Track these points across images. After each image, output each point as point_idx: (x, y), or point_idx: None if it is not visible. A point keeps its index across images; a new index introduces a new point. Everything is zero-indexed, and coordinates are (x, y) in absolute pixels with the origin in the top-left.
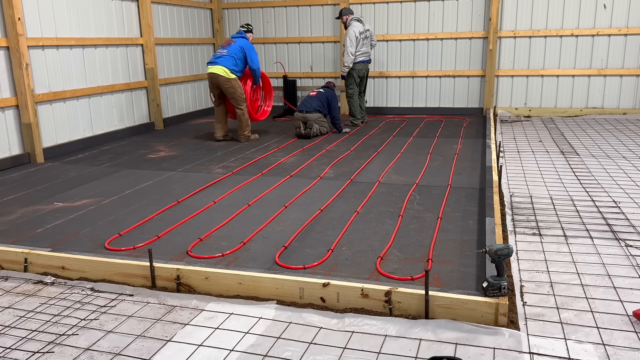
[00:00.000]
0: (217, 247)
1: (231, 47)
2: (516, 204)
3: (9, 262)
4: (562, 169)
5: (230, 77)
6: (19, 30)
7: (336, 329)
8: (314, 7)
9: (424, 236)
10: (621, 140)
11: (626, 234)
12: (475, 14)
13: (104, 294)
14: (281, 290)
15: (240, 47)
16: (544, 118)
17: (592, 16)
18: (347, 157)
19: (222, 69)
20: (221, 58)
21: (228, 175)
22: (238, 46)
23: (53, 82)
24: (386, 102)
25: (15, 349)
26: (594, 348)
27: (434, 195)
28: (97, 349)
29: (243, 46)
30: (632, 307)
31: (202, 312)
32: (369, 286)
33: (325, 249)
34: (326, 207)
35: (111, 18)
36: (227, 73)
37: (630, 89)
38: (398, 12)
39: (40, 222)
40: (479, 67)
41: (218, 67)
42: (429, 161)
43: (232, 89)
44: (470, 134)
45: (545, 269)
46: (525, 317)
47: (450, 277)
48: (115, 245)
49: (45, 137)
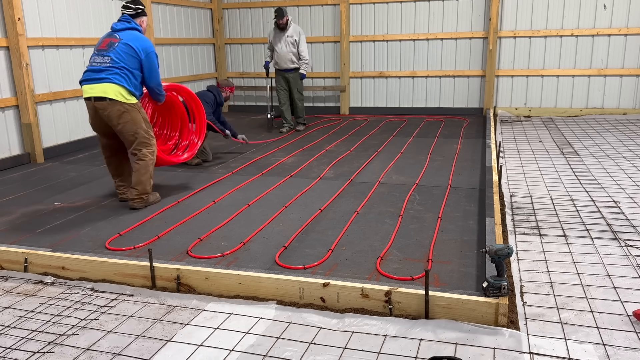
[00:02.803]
0: (217, 247)
1: (116, 50)
2: (516, 204)
3: (9, 262)
4: (562, 169)
5: (128, 101)
6: (19, 30)
7: (336, 329)
8: (314, 7)
9: (424, 236)
10: (621, 140)
11: (626, 234)
12: (475, 14)
13: (104, 294)
14: (281, 290)
15: (129, 46)
16: (544, 118)
17: (592, 16)
18: (347, 157)
19: (110, 90)
20: (105, 72)
21: (228, 175)
22: (126, 45)
23: (53, 82)
24: (386, 102)
25: (16, 349)
26: (594, 348)
27: (434, 195)
28: (97, 349)
29: (134, 44)
30: (632, 307)
31: (202, 312)
32: (369, 286)
33: (325, 249)
34: (326, 207)
35: (111, 18)
36: (120, 96)
37: (630, 89)
38: (398, 12)
39: (40, 222)
40: (479, 67)
41: (102, 87)
42: (429, 161)
43: (131, 124)
44: (470, 134)
45: (545, 269)
46: (525, 317)
47: (450, 277)
48: (115, 245)
49: (45, 137)
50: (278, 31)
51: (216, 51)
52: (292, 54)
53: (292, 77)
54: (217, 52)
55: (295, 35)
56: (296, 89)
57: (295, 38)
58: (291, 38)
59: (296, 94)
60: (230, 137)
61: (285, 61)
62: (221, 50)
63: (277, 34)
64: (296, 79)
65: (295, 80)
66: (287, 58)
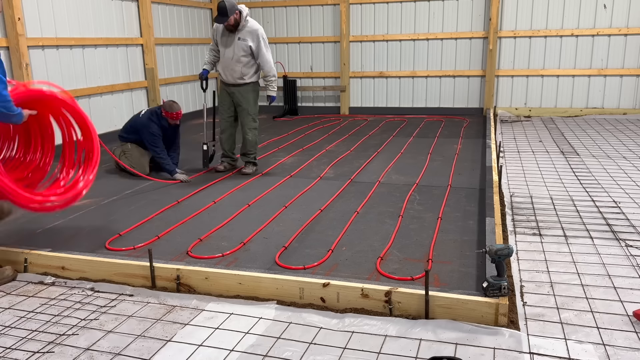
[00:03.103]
0: (217, 247)
1: None
2: (516, 204)
3: (9, 262)
4: (562, 169)
5: None
6: (19, 30)
7: (336, 329)
8: (314, 7)
9: (424, 236)
10: (621, 140)
11: (626, 234)
12: (475, 14)
13: (104, 294)
14: (281, 290)
15: None
16: (544, 118)
17: (592, 16)
18: (347, 157)
19: None
20: None
21: (228, 175)
22: None
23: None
24: (386, 102)
25: (16, 349)
26: (594, 348)
27: (434, 195)
28: (97, 349)
29: None
30: (632, 307)
31: (202, 312)
32: (369, 286)
33: (325, 249)
34: (326, 207)
35: (111, 18)
36: None
37: (630, 89)
38: (398, 12)
39: (40, 222)
40: (479, 67)
41: None
42: (429, 161)
43: None
44: (470, 134)
45: (545, 269)
46: (525, 317)
47: (450, 277)
48: (115, 245)
49: None
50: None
51: None
52: (242, 65)
53: (241, 94)
54: None
55: (250, 40)
56: (246, 111)
57: (251, 44)
58: (244, 42)
59: (246, 119)
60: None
61: (232, 73)
62: None
63: (224, 33)
64: (247, 98)
65: (245, 99)
66: (235, 69)
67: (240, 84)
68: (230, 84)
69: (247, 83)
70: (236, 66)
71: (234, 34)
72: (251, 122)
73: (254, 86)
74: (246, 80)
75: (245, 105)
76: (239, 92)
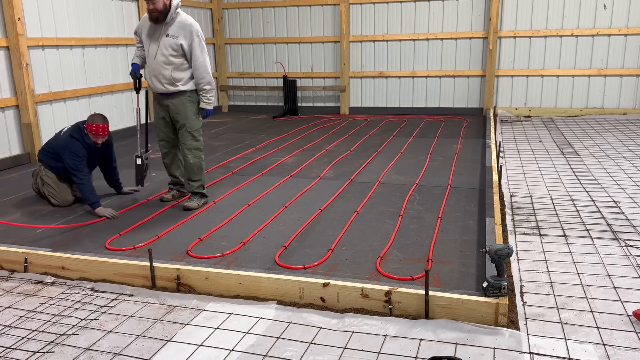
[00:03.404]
0: (217, 247)
1: None
2: (516, 204)
3: (9, 262)
4: (562, 169)
5: None
6: (19, 30)
7: (336, 329)
8: (314, 7)
9: (424, 236)
10: (621, 140)
11: (626, 234)
12: (475, 14)
13: (104, 294)
14: (281, 290)
15: None
16: (544, 118)
17: (592, 16)
18: (347, 157)
19: None
20: None
21: (228, 175)
22: None
23: (53, 82)
24: (386, 102)
25: (16, 349)
26: (594, 348)
27: (434, 195)
28: (97, 349)
29: None
30: (632, 307)
31: (202, 312)
32: (369, 286)
33: (325, 249)
34: (326, 207)
35: (111, 18)
36: None
37: (630, 89)
38: (398, 12)
39: (41, 222)
40: (479, 67)
41: None
42: (429, 161)
43: None
44: (470, 134)
45: (545, 269)
46: (525, 317)
47: (450, 277)
48: (115, 246)
49: (45, 137)
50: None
51: (216, 51)
52: (173, 68)
53: (176, 106)
54: (217, 52)
55: (182, 37)
56: (184, 128)
57: (182, 42)
58: (173, 40)
59: (184, 137)
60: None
61: (159, 78)
62: (221, 50)
63: (151, 27)
64: (184, 111)
65: (181, 112)
66: (164, 74)
67: (172, 92)
68: (162, 93)
69: (181, 91)
70: (164, 69)
71: (160, 27)
72: (191, 140)
73: (192, 95)
74: (180, 87)
75: (183, 120)
76: (172, 103)
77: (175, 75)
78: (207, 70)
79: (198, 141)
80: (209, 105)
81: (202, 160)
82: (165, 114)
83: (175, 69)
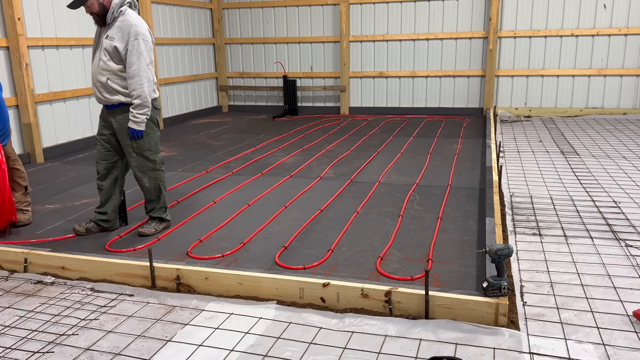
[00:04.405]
0: (217, 247)
1: None
2: (516, 204)
3: (9, 262)
4: (562, 169)
5: None
6: (19, 30)
7: (336, 329)
8: (314, 7)
9: (424, 236)
10: (621, 140)
11: (626, 234)
12: (475, 14)
13: (104, 294)
14: (281, 290)
15: None
16: (544, 118)
17: (592, 16)
18: (347, 157)
19: None
20: None
21: (228, 175)
22: None
23: (53, 82)
24: (386, 102)
25: (16, 349)
26: (594, 348)
27: (434, 195)
28: (97, 349)
29: None
30: (632, 307)
31: (202, 312)
32: (369, 286)
33: (325, 249)
34: (326, 207)
35: None
36: None
37: (630, 89)
38: (398, 12)
39: (40, 222)
40: (479, 67)
41: None
42: (429, 161)
43: None
44: (470, 134)
45: (545, 269)
46: (525, 317)
47: (450, 277)
48: (115, 247)
49: (45, 137)
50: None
51: (216, 51)
52: (110, 75)
53: (119, 123)
54: (217, 52)
55: (118, 39)
56: (130, 148)
57: (117, 44)
58: (109, 42)
59: (134, 158)
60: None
61: (96, 85)
62: (221, 50)
63: (97, 30)
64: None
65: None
66: (98, 81)
67: (113, 104)
68: (106, 105)
69: (123, 104)
70: (100, 76)
71: (103, 30)
72: (144, 161)
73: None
74: (121, 99)
75: (128, 140)
76: (115, 119)
77: (112, 85)
78: (139, 80)
79: (152, 161)
80: (136, 124)
81: (160, 181)
82: (109, 132)
83: (112, 75)
